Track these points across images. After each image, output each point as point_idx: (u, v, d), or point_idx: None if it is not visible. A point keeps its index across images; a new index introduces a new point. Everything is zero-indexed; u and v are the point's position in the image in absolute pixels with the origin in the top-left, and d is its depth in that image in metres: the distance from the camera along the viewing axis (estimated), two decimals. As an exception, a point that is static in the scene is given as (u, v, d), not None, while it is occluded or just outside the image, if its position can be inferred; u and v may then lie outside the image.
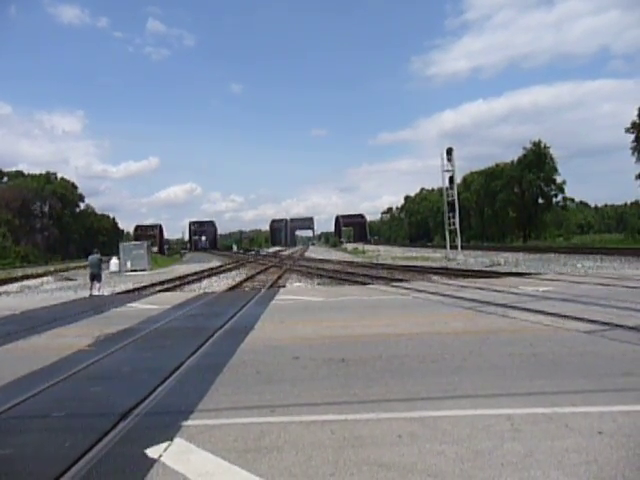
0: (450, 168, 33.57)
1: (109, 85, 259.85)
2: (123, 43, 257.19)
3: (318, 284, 21.13)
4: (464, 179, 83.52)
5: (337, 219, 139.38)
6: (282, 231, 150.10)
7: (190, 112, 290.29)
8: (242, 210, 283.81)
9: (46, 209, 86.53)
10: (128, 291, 20.21)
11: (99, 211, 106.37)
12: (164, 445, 3.64)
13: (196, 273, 30.29)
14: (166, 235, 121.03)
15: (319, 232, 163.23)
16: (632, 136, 55.79)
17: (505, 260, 28.79)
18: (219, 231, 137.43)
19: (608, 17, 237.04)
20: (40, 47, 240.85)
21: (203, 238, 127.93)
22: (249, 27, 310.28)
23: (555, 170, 70.64)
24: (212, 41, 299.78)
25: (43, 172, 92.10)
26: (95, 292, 17.68)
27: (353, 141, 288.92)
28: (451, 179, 33.95)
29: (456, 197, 33.81)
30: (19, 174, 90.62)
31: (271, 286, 19.86)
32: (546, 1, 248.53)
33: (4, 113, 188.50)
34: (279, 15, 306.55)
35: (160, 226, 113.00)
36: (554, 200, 73.45)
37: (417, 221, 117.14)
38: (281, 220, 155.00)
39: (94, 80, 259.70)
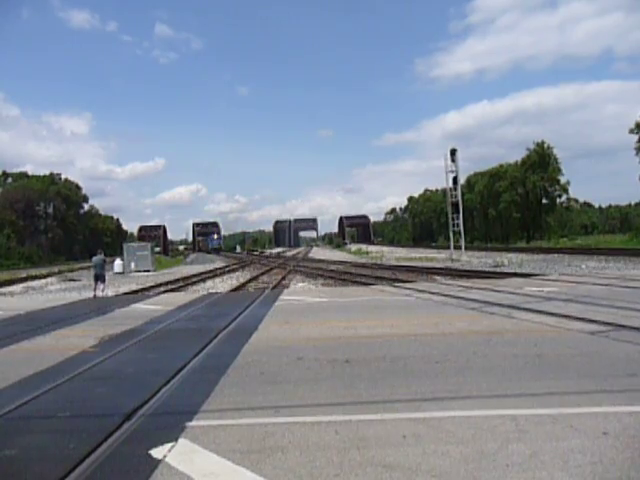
0: (454, 169, 33.51)
1: (117, 87, 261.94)
2: (131, 46, 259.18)
3: (322, 285, 21.13)
4: (468, 180, 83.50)
5: (341, 220, 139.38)
6: (286, 232, 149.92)
7: (196, 114, 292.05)
8: (246, 211, 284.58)
9: (50, 210, 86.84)
10: (132, 292, 20.27)
11: (104, 212, 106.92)
12: (168, 446, 3.64)
13: (200, 274, 30.33)
14: (170, 236, 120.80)
15: (323, 233, 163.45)
16: (636, 137, 55.82)
17: (509, 261, 28.71)
18: (223, 232, 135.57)
19: (612, 19, 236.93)
20: (50, 50, 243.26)
21: (215, 236, 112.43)
22: (255, 30, 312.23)
23: (559, 171, 70.62)
24: (219, 44, 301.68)
25: (47, 173, 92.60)
26: (99, 293, 17.73)
27: (358, 142, 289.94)
28: (455, 180, 33.87)
29: (460, 198, 33.75)
30: (23, 175, 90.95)
31: (275, 287, 19.87)
32: (549, 3, 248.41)
33: (12, 115, 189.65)
34: (286, 18, 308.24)
35: (164, 227, 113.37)
36: (558, 201, 73.49)
37: (421, 222, 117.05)
38: (285, 221, 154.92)
39: (102, 82, 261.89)
